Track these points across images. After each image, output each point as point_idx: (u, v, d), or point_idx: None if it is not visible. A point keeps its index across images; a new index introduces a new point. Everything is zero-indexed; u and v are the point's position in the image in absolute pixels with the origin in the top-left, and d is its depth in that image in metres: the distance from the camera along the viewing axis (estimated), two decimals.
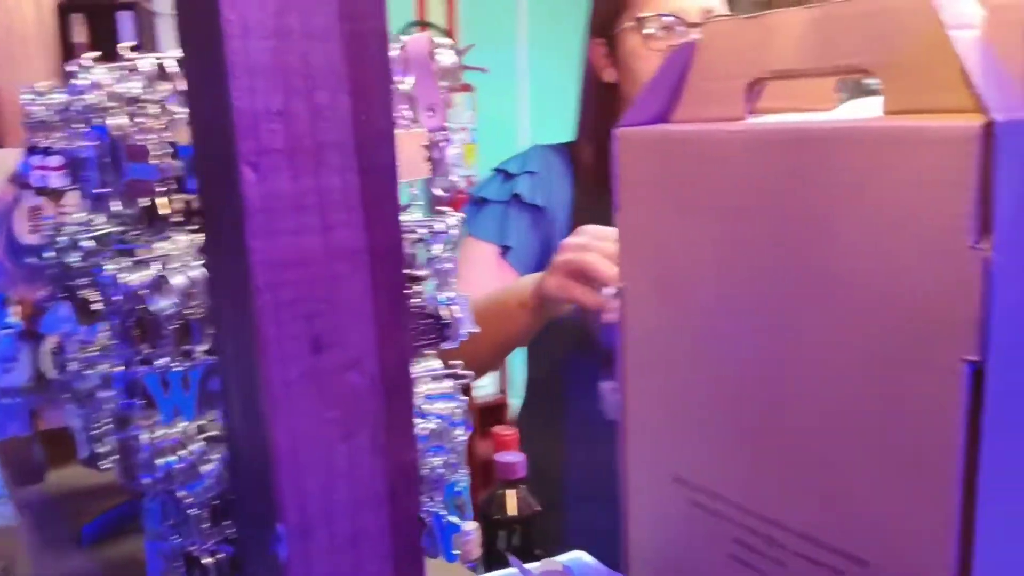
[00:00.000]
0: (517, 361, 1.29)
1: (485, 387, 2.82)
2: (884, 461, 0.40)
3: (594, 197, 1.11)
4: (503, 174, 1.14)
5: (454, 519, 0.52)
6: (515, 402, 2.70)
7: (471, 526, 0.84)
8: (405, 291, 0.40)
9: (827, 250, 0.41)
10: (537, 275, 0.93)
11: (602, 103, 1.16)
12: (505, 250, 1.08)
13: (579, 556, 0.54)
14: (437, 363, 0.53)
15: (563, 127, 1.26)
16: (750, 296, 0.46)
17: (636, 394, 0.55)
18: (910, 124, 0.37)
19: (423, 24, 2.35)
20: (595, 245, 0.85)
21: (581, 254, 0.85)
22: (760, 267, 0.45)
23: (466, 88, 2.60)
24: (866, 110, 0.44)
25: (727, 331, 0.47)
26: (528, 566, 0.52)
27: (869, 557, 0.41)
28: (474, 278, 1.03)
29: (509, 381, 3.00)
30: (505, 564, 0.60)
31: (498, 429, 1.01)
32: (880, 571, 0.41)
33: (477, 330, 0.55)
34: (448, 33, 2.53)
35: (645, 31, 1.08)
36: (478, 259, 1.07)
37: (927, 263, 0.37)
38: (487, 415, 2.72)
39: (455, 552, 0.50)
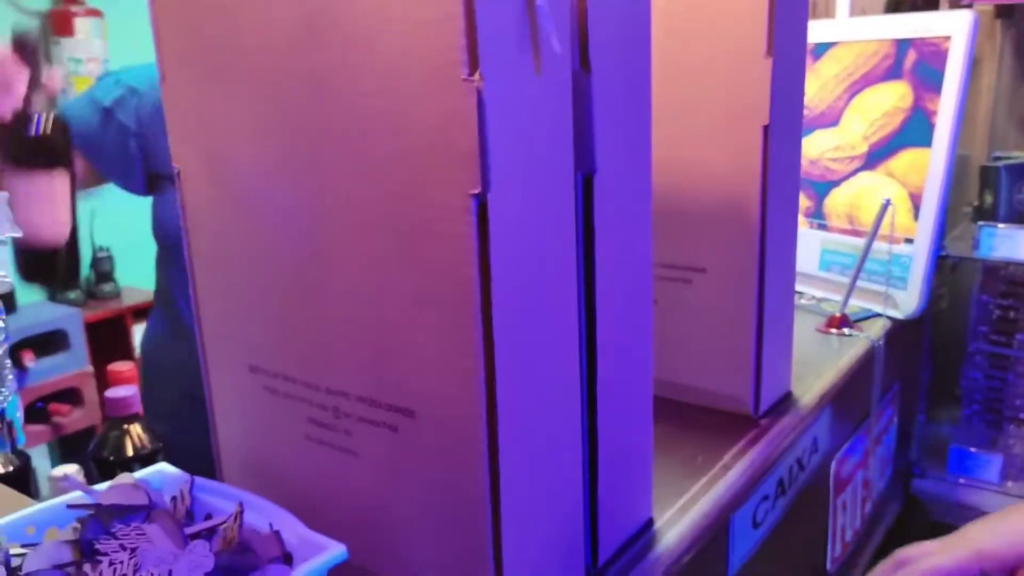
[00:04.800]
0: None
1: None
2: (414, 309, 0.40)
3: None
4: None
5: None
6: None
7: (71, 469, 0.75)
8: None
9: (347, 104, 0.40)
10: None
11: None
12: None
13: (161, 468, 0.50)
14: None
15: None
16: (286, 161, 0.43)
17: (204, 286, 0.51)
18: None
19: None
20: None
21: None
22: (290, 129, 0.43)
23: (93, 13, 2.32)
24: None
25: (271, 203, 0.45)
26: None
27: (416, 407, 0.42)
28: None
29: None
30: None
31: (115, 365, 0.92)
32: (425, 418, 0.41)
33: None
34: None
35: None
36: None
37: (430, 104, 0.37)
38: None
39: None
